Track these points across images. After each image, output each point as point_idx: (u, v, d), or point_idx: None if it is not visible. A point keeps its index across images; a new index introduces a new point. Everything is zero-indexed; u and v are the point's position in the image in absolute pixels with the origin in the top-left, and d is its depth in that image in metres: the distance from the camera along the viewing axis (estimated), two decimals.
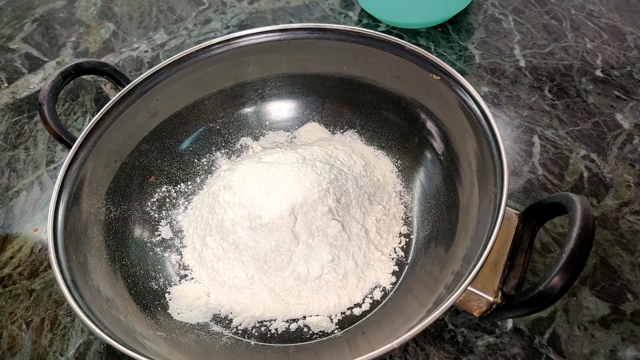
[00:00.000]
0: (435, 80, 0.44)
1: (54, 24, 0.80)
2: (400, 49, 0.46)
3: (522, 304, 0.32)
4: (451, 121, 0.44)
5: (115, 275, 0.42)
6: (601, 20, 0.68)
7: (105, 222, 0.44)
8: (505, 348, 0.42)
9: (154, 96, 0.48)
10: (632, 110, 0.57)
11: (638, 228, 0.48)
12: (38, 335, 0.47)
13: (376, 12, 0.70)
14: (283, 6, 0.77)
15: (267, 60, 0.50)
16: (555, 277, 0.29)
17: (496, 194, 0.36)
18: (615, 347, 0.41)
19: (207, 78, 0.50)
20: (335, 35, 0.48)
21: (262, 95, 0.53)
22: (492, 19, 0.70)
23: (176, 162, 0.51)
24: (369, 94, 0.50)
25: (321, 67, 0.51)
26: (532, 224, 0.37)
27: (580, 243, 0.30)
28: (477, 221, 0.38)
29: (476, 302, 0.35)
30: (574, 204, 0.32)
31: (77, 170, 0.42)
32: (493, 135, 0.38)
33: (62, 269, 0.36)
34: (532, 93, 0.60)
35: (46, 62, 0.73)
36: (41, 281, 0.50)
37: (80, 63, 0.46)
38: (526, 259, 0.36)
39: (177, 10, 0.79)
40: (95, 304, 0.36)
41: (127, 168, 0.47)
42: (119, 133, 0.46)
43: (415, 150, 0.49)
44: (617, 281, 0.45)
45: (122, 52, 0.73)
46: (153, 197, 0.49)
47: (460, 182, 0.43)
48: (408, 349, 0.43)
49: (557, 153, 0.54)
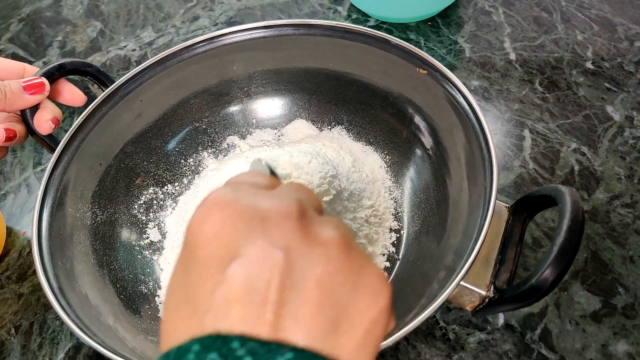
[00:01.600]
0: (422, 75, 0.44)
1: (40, 24, 0.79)
2: (386, 44, 0.45)
3: (514, 298, 0.32)
4: (439, 115, 0.44)
5: (103, 280, 0.41)
6: (591, 12, 0.67)
7: (91, 227, 0.43)
8: (496, 344, 0.42)
9: (138, 97, 0.47)
10: (623, 102, 0.57)
11: (629, 221, 0.48)
12: (27, 339, 0.46)
13: (365, 6, 0.69)
14: (272, 2, 0.76)
15: (252, 58, 0.50)
16: (547, 270, 0.29)
17: (486, 187, 0.36)
18: (606, 342, 0.41)
19: (191, 77, 0.49)
20: (321, 31, 0.47)
21: (248, 93, 0.53)
22: (482, 11, 0.69)
23: (162, 163, 0.50)
24: (356, 90, 0.50)
25: (307, 63, 0.50)
26: (522, 217, 0.37)
27: (571, 235, 0.30)
28: (467, 215, 0.38)
29: (468, 297, 0.35)
30: (563, 196, 0.32)
31: (61, 174, 0.41)
32: (481, 128, 0.38)
33: (48, 276, 0.36)
34: (523, 86, 0.60)
35: (33, 62, 0.73)
36: (29, 285, 0.50)
37: (63, 63, 0.46)
38: (517, 252, 0.36)
39: (165, 8, 0.78)
40: (83, 310, 0.35)
41: (112, 171, 0.46)
42: (103, 135, 0.45)
43: (403, 146, 0.49)
44: (608, 275, 0.45)
45: (110, 50, 0.72)
46: (140, 199, 0.48)
47: (450, 177, 0.43)
48: (399, 347, 0.43)
49: (547, 147, 0.54)
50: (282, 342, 0.17)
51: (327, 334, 0.18)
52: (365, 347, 0.19)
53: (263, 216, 0.20)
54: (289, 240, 0.19)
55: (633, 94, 0.57)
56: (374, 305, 0.19)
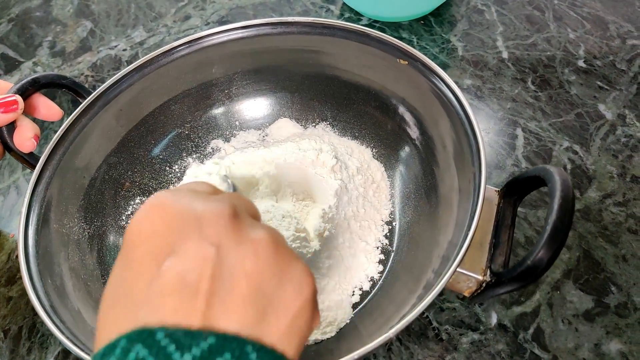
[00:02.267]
0: (404, 65, 0.43)
1: (30, 24, 0.78)
2: (365, 37, 0.45)
3: (512, 279, 0.32)
4: (423, 105, 0.44)
5: (96, 294, 0.41)
6: (584, 10, 0.67)
7: (79, 242, 0.42)
8: (489, 344, 0.42)
9: (117, 106, 0.46)
10: (615, 100, 0.57)
11: (621, 220, 0.48)
12: (16, 344, 0.46)
13: (358, 5, 0.69)
14: (263, 1, 0.75)
15: (231, 59, 0.49)
16: (542, 249, 0.30)
17: (475, 173, 0.36)
18: (599, 341, 0.41)
19: (170, 82, 0.49)
20: (299, 29, 0.47)
21: (230, 95, 0.52)
22: (475, 10, 0.69)
23: (147, 172, 0.50)
24: (339, 85, 0.50)
25: (287, 61, 0.50)
26: (513, 199, 0.38)
27: (563, 213, 0.30)
28: (458, 202, 0.38)
29: (466, 283, 0.35)
30: (552, 175, 0.33)
31: (44, 191, 0.41)
32: (466, 114, 0.38)
33: (39, 295, 0.35)
34: (515, 85, 0.60)
35: (22, 62, 0.72)
36: (18, 288, 0.49)
37: (37, 77, 0.44)
38: (510, 235, 0.37)
39: (156, 7, 0.77)
40: (77, 327, 0.35)
41: (97, 183, 0.46)
42: (84, 148, 0.44)
43: (389, 138, 0.49)
44: (601, 274, 0.45)
45: (100, 50, 0.72)
46: (127, 210, 0.48)
47: (438, 165, 0.43)
48: (392, 348, 0.42)
49: (540, 145, 0.54)
50: (210, 330, 0.18)
51: (255, 322, 0.19)
52: (291, 335, 0.20)
53: (198, 216, 0.21)
54: (221, 237, 0.20)
55: (625, 92, 0.57)
56: (298, 298, 0.21)
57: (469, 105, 0.38)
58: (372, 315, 0.40)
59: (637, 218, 0.47)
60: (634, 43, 0.62)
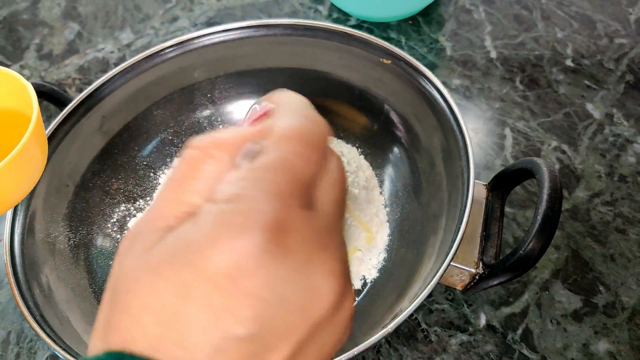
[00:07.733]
0: (388, 65, 0.44)
1: (17, 26, 0.77)
2: (347, 37, 0.45)
3: (505, 270, 0.33)
4: (407, 103, 0.44)
5: (84, 303, 0.40)
6: (571, 9, 0.67)
7: (66, 251, 0.42)
8: (478, 346, 0.42)
9: (99, 113, 0.46)
10: (603, 99, 0.57)
11: (609, 219, 0.48)
12: (4, 349, 0.45)
13: (346, 6, 0.69)
14: (252, 2, 0.75)
15: (212, 63, 0.49)
16: (533, 239, 0.30)
17: (462, 168, 0.36)
18: (587, 341, 0.41)
19: (153, 88, 0.48)
20: (281, 31, 0.47)
21: (212, 99, 0.52)
22: (463, 10, 0.69)
23: (132, 178, 0.49)
24: (322, 86, 0.50)
25: (270, 64, 0.50)
26: (501, 192, 0.39)
27: (552, 203, 0.31)
28: (448, 197, 0.39)
29: (459, 276, 0.36)
30: (539, 167, 0.33)
31: (28, 200, 0.40)
32: (450, 109, 0.38)
33: (29, 306, 0.35)
34: (504, 85, 0.60)
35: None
36: (7, 294, 0.49)
37: None
38: (500, 227, 0.37)
39: (144, 9, 0.77)
40: (67, 335, 0.35)
41: (81, 191, 0.45)
42: (67, 156, 0.44)
43: (375, 137, 0.49)
44: (589, 274, 0.45)
45: (87, 53, 0.71)
46: (113, 217, 0.47)
47: (425, 162, 0.43)
48: (381, 350, 0.42)
49: (528, 145, 0.54)
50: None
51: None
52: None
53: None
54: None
55: (613, 92, 0.57)
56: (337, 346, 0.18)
57: (455, 102, 0.38)
58: (364, 314, 0.40)
59: (625, 217, 0.48)
60: (621, 42, 0.62)
